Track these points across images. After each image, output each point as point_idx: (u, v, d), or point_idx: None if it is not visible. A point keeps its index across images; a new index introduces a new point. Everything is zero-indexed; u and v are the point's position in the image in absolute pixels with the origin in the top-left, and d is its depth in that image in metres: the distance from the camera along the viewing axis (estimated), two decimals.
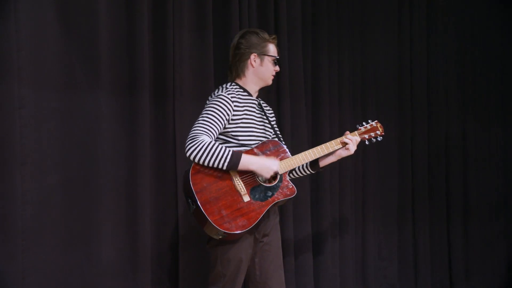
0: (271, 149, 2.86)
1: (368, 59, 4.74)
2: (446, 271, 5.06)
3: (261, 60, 2.91)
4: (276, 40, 2.98)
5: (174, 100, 3.51)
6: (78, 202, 3.11)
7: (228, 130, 2.81)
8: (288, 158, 2.86)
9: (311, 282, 4.23)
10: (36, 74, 2.96)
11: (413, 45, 4.97)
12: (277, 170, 2.76)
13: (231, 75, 2.97)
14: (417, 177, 4.94)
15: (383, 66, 4.82)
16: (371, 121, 3.10)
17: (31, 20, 2.95)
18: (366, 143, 3.08)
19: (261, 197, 2.76)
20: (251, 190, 2.75)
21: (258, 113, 2.95)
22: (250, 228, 2.72)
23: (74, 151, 3.12)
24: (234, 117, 2.80)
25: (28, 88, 2.92)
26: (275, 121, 3.10)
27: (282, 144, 2.90)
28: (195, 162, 2.67)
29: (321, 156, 2.97)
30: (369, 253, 4.65)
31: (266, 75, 2.94)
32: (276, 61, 2.95)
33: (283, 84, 4.10)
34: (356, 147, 2.99)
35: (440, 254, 5.04)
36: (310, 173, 3.10)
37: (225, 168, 2.67)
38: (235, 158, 2.68)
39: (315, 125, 4.35)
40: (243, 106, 2.85)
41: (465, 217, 5.17)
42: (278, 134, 3.00)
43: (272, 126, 3.01)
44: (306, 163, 2.99)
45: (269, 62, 2.92)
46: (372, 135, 3.06)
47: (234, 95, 2.83)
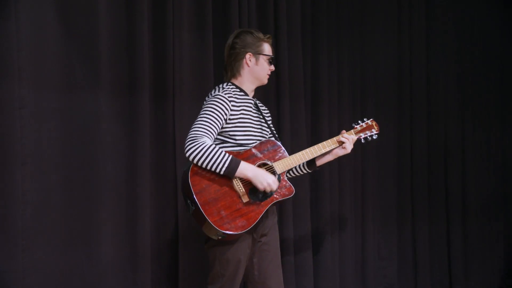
0: (269, 148, 2.87)
1: (367, 59, 4.75)
2: (446, 271, 5.07)
3: (256, 59, 2.91)
4: (270, 39, 2.98)
5: (174, 100, 3.52)
6: (78, 202, 3.12)
7: (226, 130, 2.82)
8: (285, 158, 2.87)
9: (310, 282, 4.24)
10: (36, 74, 2.97)
11: (412, 45, 4.98)
12: (271, 184, 2.73)
13: (226, 75, 2.98)
14: (417, 177, 4.95)
15: (382, 66, 4.83)
16: (367, 119, 3.12)
17: (32, 20, 2.95)
18: (362, 141, 3.10)
19: (260, 197, 2.77)
20: (250, 191, 2.75)
21: (255, 113, 2.96)
22: (249, 229, 2.73)
23: (74, 151, 3.12)
24: (231, 117, 2.81)
25: (28, 88, 2.93)
26: (271, 120, 3.10)
27: (280, 144, 2.92)
28: (194, 164, 2.68)
29: (318, 155, 2.99)
30: (368, 253, 4.66)
31: (262, 74, 2.95)
32: (271, 60, 2.96)
33: (283, 84, 4.11)
34: (352, 145, 3.01)
35: (440, 253, 5.04)
36: (307, 172, 3.11)
37: (222, 173, 2.68)
38: (234, 164, 2.68)
39: (315, 124, 4.36)
40: (240, 106, 2.86)
41: (464, 217, 5.18)
42: (275, 133, 3.01)
43: (268, 125, 3.02)
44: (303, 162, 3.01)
45: (264, 61, 2.93)
46: (368, 133, 3.08)
47: (231, 95, 2.83)
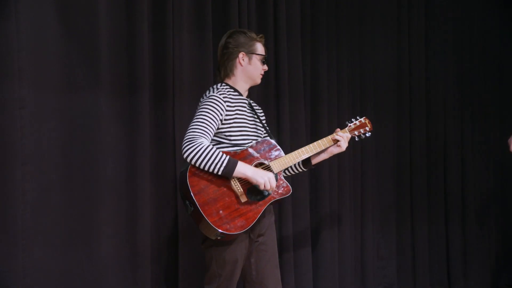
0: (265, 148, 2.88)
1: (367, 59, 4.75)
2: (445, 271, 5.07)
3: (249, 59, 2.91)
4: (263, 39, 2.98)
5: (174, 100, 3.53)
6: (78, 202, 3.12)
7: (221, 130, 2.82)
8: (281, 157, 2.89)
9: (310, 282, 4.24)
10: (36, 74, 2.97)
11: (412, 45, 4.98)
12: (271, 179, 2.74)
13: (219, 75, 2.98)
14: (416, 177, 4.95)
15: (382, 66, 4.83)
16: (360, 117, 3.14)
17: (32, 21, 2.96)
18: (356, 139, 3.12)
19: (258, 197, 2.78)
20: (248, 190, 2.76)
21: (249, 113, 2.96)
22: (248, 228, 2.74)
23: (74, 151, 3.13)
24: (226, 117, 2.81)
25: (28, 88, 2.93)
26: (265, 119, 3.11)
27: (275, 143, 2.92)
28: (192, 164, 2.68)
29: (314, 154, 3.01)
30: (368, 252, 4.67)
31: (255, 74, 2.95)
32: (264, 60, 2.96)
33: (283, 84, 4.12)
34: (347, 143, 3.03)
35: (439, 253, 5.05)
36: (302, 170, 3.13)
37: (220, 173, 2.68)
38: (231, 165, 2.68)
39: (314, 124, 4.36)
40: (235, 106, 2.86)
41: (464, 217, 5.19)
42: (270, 132, 3.02)
43: (263, 125, 3.03)
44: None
45: (257, 60, 2.93)
46: (362, 131, 3.11)
47: (226, 95, 2.84)
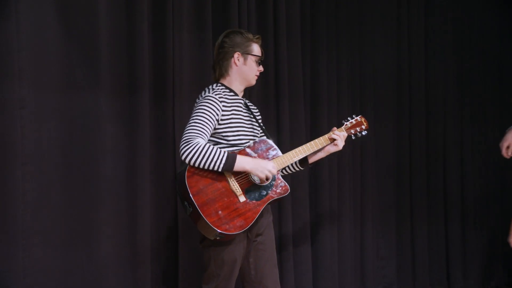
0: (262, 148, 2.88)
1: (366, 59, 4.75)
2: (444, 270, 5.07)
3: (245, 59, 2.90)
4: (260, 40, 2.97)
5: (174, 100, 3.53)
6: (78, 202, 3.13)
7: (218, 131, 2.82)
8: (279, 157, 2.89)
9: (309, 281, 4.25)
10: (36, 74, 2.98)
11: (411, 45, 4.97)
12: (272, 170, 2.77)
13: (214, 74, 2.97)
14: (416, 177, 4.95)
15: (381, 66, 4.82)
16: (356, 115, 3.14)
17: (32, 21, 2.96)
18: (353, 137, 3.12)
19: (256, 196, 2.78)
20: (246, 190, 2.76)
21: (245, 112, 2.96)
22: (246, 228, 2.74)
23: (74, 151, 3.13)
24: (223, 117, 2.81)
25: (28, 88, 2.94)
26: (261, 119, 3.10)
27: (272, 143, 2.92)
28: (190, 165, 2.68)
29: (310, 153, 3.01)
30: (367, 252, 4.67)
31: (250, 74, 2.94)
32: (260, 61, 2.95)
33: (282, 84, 4.12)
34: (344, 142, 3.03)
35: (438, 253, 5.05)
36: (299, 169, 3.13)
37: (220, 169, 2.68)
38: (231, 159, 2.69)
39: (314, 125, 4.36)
40: (231, 106, 2.86)
41: (463, 217, 5.18)
42: (266, 132, 3.01)
43: (259, 124, 3.03)
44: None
45: (253, 61, 2.92)
46: (358, 130, 3.11)
47: (221, 96, 2.83)
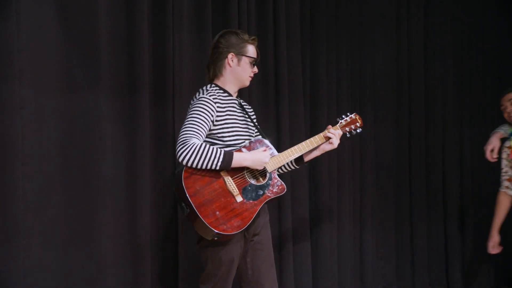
0: (258, 147, 2.88)
1: (366, 59, 4.76)
2: (443, 270, 5.09)
3: (239, 60, 2.91)
4: (256, 41, 2.97)
5: (174, 100, 3.53)
6: (78, 202, 3.13)
7: (214, 132, 2.82)
8: (275, 156, 2.89)
9: (309, 281, 4.25)
10: (37, 74, 2.98)
11: (411, 45, 4.99)
12: (267, 160, 2.79)
13: (208, 74, 2.97)
14: (415, 177, 4.96)
15: (381, 66, 4.83)
16: (350, 113, 3.15)
17: (32, 21, 2.96)
18: (348, 135, 3.13)
19: (253, 196, 2.79)
20: (243, 190, 2.77)
21: (240, 112, 2.96)
22: (244, 228, 2.75)
23: (74, 151, 3.13)
24: (218, 118, 2.82)
25: (29, 88, 2.94)
26: (255, 119, 3.10)
27: (268, 142, 2.93)
28: (188, 166, 2.68)
29: (306, 152, 3.01)
30: (367, 252, 4.68)
31: (243, 76, 2.94)
32: (254, 63, 2.95)
33: (282, 84, 4.12)
34: (339, 140, 3.04)
35: (438, 253, 5.06)
36: (295, 168, 3.13)
37: (218, 168, 2.69)
38: (228, 157, 2.70)
39: (313, 125, 4.37)
40: (225, 106, 2.87)
41: (462, 217, 5.20)
42: (261, 131, 3.02)
43: (254, 124, 3.03)
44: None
45: (247, 63, 2.92)
46: (353, 127, 3.12)
47: (216, 96, 2.84)
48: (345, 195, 4.53)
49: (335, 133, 3.02)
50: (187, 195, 2.65)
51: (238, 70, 2.91)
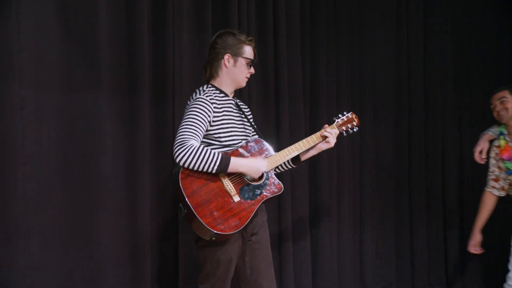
0: (255, 147, 2.89)
1: (366, 59, 4.76)
2: (443, 270, 5.09)
3: (235, 61, 2.90)
4: (253, 42, 2.95)
5: (174, 100, 3.54)
6: (78, 202, 3.13)
7: (210, 132, 2.82)
8: (272, 156, 2.90)
9: (309, 281, 4.26)
10: (37, 74, 2.98)
11: (410, 45, 4.99)
12: (265, 170, 2.79)
13: (205, 74, 2.97)
14: (414, 177, 4.96)
15: (381, 66, 4.84)
16: (347, 112, 3.15)
17: (32, 22, 2.96)
18: (344, 134, 3.13)
19: (250, 196, 2.79)
20: (240, 190, 2.77)
21: (236, 113, 2.96)
22: (242, 228, 2.75)
23: (75, 151, 3.13)
24: (214, 119, 2.81)
25: (29, 88, 2.94)
26: (252, 119, 3.10)
27: (265, 142, 2.93)
28: (184, 167, 2.68)
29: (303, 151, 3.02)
30: (367, 252, 4.68)
31: (240, 77, 2.93)
32: (251, 64, 2.94)
33: (282, 84, 4.12)
34: (335, 139, 3.04)
35: (437, 253, 5.07)
36: (292, 167, 3.13)
37: (214, 171, 2.69)
38: (225, 161, 2.70)
39: (313, 124, 4.37)
40: (222, 107, 2.86)
41: (461, 217, 5.20)
42: (258, 131, 3.02)
43: (251, 123, 3.03)
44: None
45: (243, 64, 2.91)
46: (349, 126, 3.12)
47: (212, 97, 2.84)
48: (345, 195, 4.54)
49: (331, 132, 3.03)
50: (185, 196, 2.65)
51: (234, 71, 2.91)
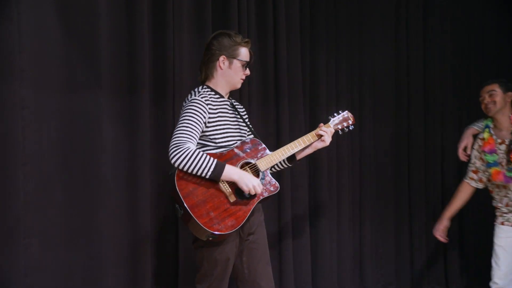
0: (250, 147, 2.89)
1: (365, 59, 4.76)
2: (442, 270, 5.10)
3: (230, 63, 2.90)
4: (249, 44, 2.95)
5: (174, 100, 3.54)
6: (79, 202, 3.14)
7: (206, 134, 2.82)
8: (267, 155, 2.90)
9: (309, 281, 4.26)
10: (37, 75, 2.99)
11: (410, 46, 4.99)
12: (256, 187, 2.75)
13: (200, 75, 2.97)
14: (414, 176, 4.96)
15: (380, 66, 4.83)
16: (342, 111, 3.16)
17: (33, 22, 2.97)
18: (340, 133, 3.14)
19: (246, 195, 2.79)
20: (236, 190, 2.77)
21: (232, 113, 2.96)
22: (238, 227, 2.75)
23: (75, 151, 3.14)
24: (209, 120, 2.82)
25: (29, 88, 2.95)
26: (248, 118, 3.10)
27: (260, 141, 2.93)
28: (179, 169, 2.69)
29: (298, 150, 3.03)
30: (366, 251, 4.69)
31: (235, 79, 2.93)
32: (247, 65, 2.94)
33: (282, 84, 4.13)
34: (331, 138, 3.05)
35: (436, 253, 5.07)
36: (288, 166, 3.14)
37: (208, 177, 2.69)
38: (219, 168, 2.70)
39: (313, 124, 4.35)
40: (217, 108, 2.87)
41: (461, 216, 5.20)
42: (253, 131, 3.02)
43: (246, 124, 3.03)
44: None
45: (238, 66, 2.91)
46: (345, 125, 3.13)
47: (207, 98, 2.84)
48: (345, 195, 4.54)
49: (327, 131, 3.04)
50: (181, 197, 2.66)
51: (229, 73, 2.91)
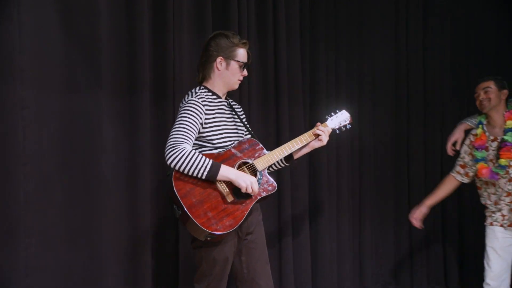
0: (248, 147, 2.89)
1: (365, 59, 4.76)
2: (442, 270, 5.10)
3: (227, 64, 2.90)
4: (246, 45, 2.95)
5: (174, 101, 3.54)
6: (79, 202, 3.14)
7: (203, 134, 2.83)
8: (265, 155, 2.90)
9: (309, 281, 4.27)
10: (38, 75, 2.99)
11: (410, 46, 4.98)
12: (254, 184, 2.76)
13: (198, 76, 2.97)
14: (414, 176, 4.96)
15: (380, 66, 4.83)
16: (339, 110, 3.16)
17: (33, 22, 2.98)
18: (337, 132, 3.14)
19: (244, 195, 2.79)
20: (233, 190, 2.77)
21: (229, 113, 2.97)
22: (236, 227, 2.75)
23: (75, 151, 3.14)
24: (206, 121, 2.82)
25: (29, 89, 2.95)
26: (245, 118, 3.10)
27: (257, 141, 2.93)
28: (176, 170, 2.70)
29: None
30: (366, 251, 4.69)
31: (232, 80, 2.93)
32: (244, 66, 2.93)
33: (282, 84, 4.13)
34: (328, 137, 3.05)
35: (436, 253, 5.07)
36: (285, 165, 3.13)
37: (204, 177, 2.69)
38: (215, 168, 2.70)
39: (313, 124, 4.32)
40: (214, 109, 2.87)
41: (460, 216, 5.21)
42: (250, 130, 3.03)
43: (244, 124, 3.03)
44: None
45: (236, 67, 2.91)
46: (342, 124, 3.13)
47: (204, 99, 2.84)
48: (344, 195, 4.54)
49: (324, 130, 3.04)
50: (178, 197, 2.66)
51: (227, 74, 2.91)
